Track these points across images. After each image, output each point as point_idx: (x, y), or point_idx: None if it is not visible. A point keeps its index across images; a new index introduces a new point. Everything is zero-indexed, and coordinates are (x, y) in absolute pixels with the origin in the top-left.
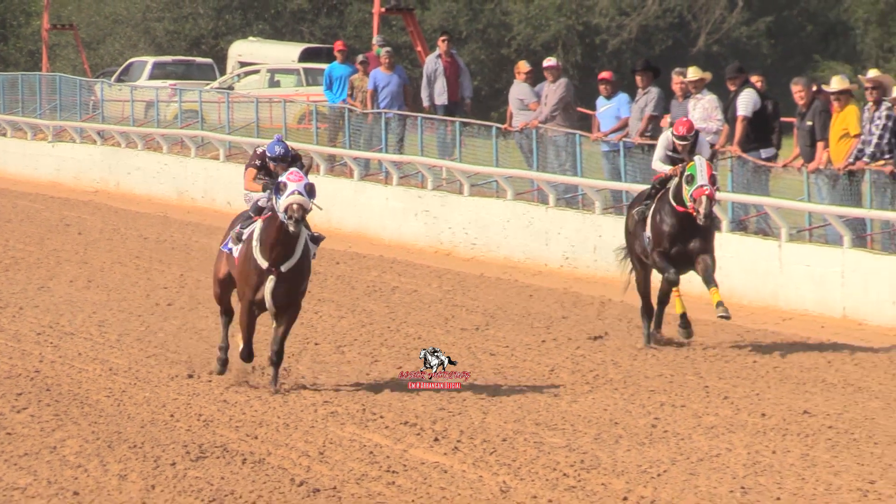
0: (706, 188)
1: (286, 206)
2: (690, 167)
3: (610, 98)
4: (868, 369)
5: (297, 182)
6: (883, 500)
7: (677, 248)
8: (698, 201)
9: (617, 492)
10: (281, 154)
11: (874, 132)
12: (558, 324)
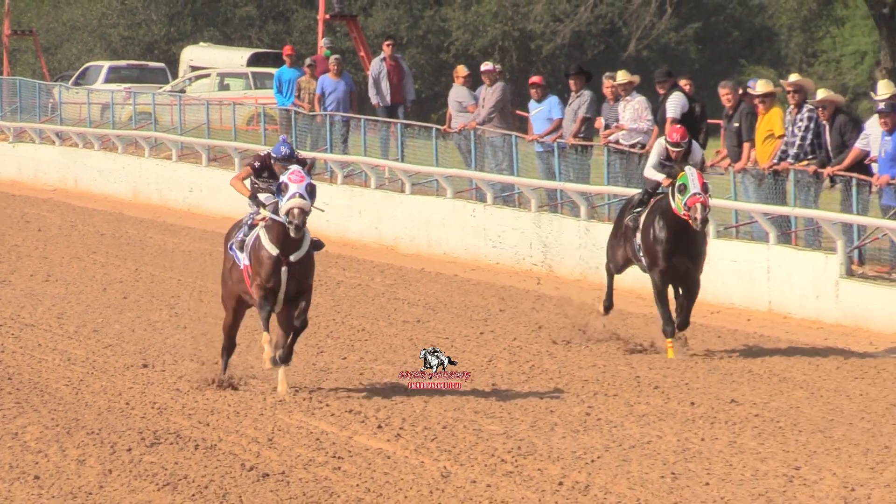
0: (700, 196)
1: (287, 210)
2: (682, 177)
3: (541, 101)
4: (793, 360)
5: (297, 183)
6: (807, 485)
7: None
8: (693, 209)
9: (553, 477)
10: (286, 154)
11: (797, 133)
12: (496, 317)
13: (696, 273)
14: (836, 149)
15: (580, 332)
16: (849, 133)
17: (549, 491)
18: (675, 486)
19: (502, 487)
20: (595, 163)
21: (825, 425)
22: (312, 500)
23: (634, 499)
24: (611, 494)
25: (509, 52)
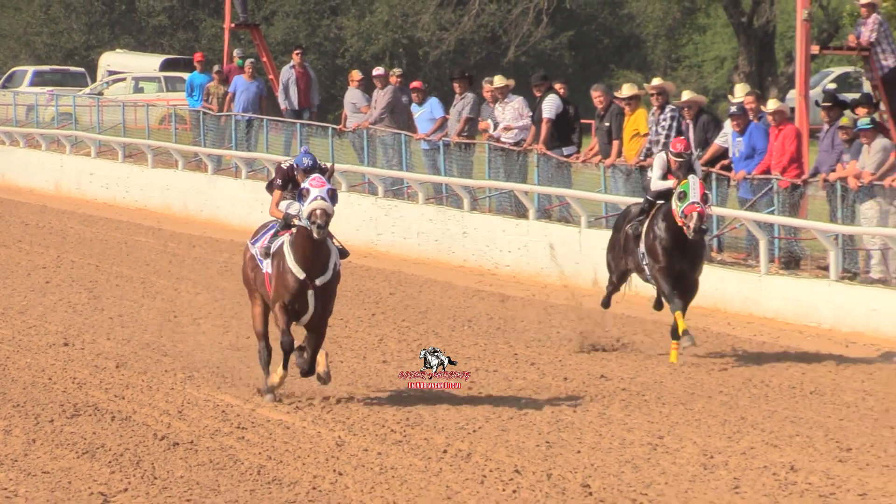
0: (698, 206)
1: (310, 212)
2: (683, 185)
3: (422, 104)
4: (656, 339)
5: (319, 188)
6: (670, 453)
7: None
8: (689, 217)
9: (438, 445)
10: (310, 165)
11: (661, 132)
12: (386, 300)
13: (694, 275)
14: (699, 145)
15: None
16: (711, 131)
17: (435, 458)
18: (550, 453)
19: (392, 455)
20: (477, 159)
21: (686, 398)
22: (218, 466)
23: (512, 465)
24: (490, 461)
25: (399, 58)
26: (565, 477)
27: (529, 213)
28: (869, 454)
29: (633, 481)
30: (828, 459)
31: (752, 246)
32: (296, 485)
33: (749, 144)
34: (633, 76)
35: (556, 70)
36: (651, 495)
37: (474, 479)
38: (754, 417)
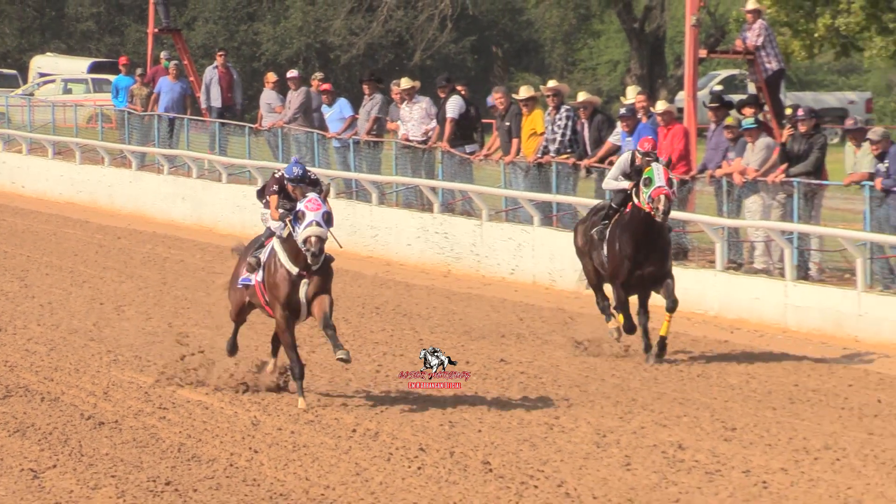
0: (664, 188)
1: (304, 239)
2: (648, 171)
3: (331, 105)
4: (553, 325)
5: (314, 212)
6: (565, 432)
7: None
8: (657, 200)
9: (347, 425)
10: (299, 175)
11: (556, 131)
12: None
13: (666, 269)
14: (594, 143)
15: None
16: (605, 130)
17: (345, 437)
18: (452, 432)
19: (304, 434)
20: (385, 156)
21: (581, 381)
22: (141, 444)
23: (417, 443)
24: (397, 440)
25: (312, 61)
26: (467, 454)
27: (434, 207)
28: (752, 433)
29: (531, 458)
30: (714, 438)
31: None
32: (214, 462)
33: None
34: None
35: (460, 72)
36: (547, 472)
37: (381, 457)
38: (644, 399)
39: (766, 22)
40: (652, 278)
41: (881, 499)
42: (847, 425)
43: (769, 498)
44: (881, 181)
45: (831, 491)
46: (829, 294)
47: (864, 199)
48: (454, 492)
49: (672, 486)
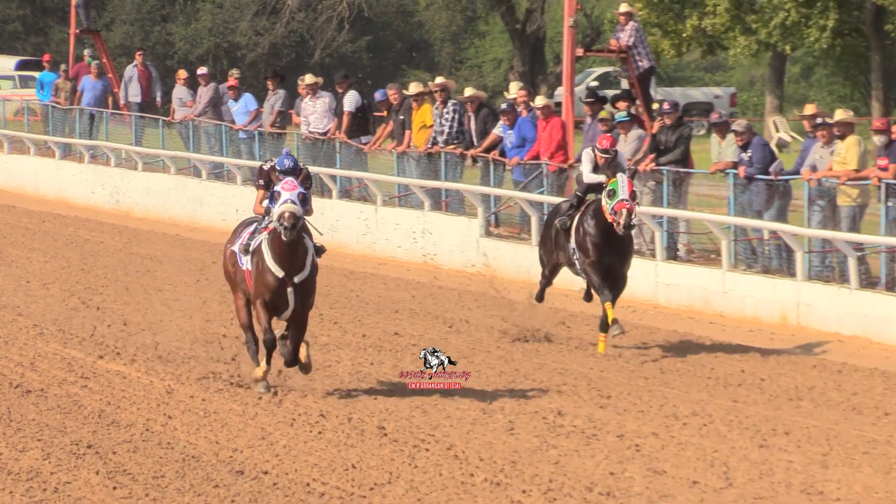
0: (627, 202)
1: (279, 215)
2: (613, 183)
3: (237, 100)
4: (441, 301)
5: (289, 191)
6: (454, 400)
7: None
8: (619, 213)
9: (254, 393)
10: (290, 167)
11: (445, 124)
12: (209, 267)
13: (623, 269)
14: (480, 135)
15: None
16: (490, 122)
17: (251, 404)
18: (350, 400)
19: (214, 401)
20: (288, 146)
21: (468, 353)
22: (65, 410)
23: (318, 410)
24: (300, 407)
25: (220, 59)
26: (364, 420)
27: (333, 193)
28: (626, 401)
29: (423, 424)
30: (590, 405)
31: (525, 221)
32: (132, 426)
33: (519, 135)
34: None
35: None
36: (438, 436)
37: (285, 422)
38: (526, 369)
39: (637, 23)
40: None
41: (745, 461)
42: (713, 394)
43: (641, 460)
44: (744, 169)
45: (699, 454)
46: (696, 273)
47: (728, 186)
48: (352, 454)
49: (552, 450)
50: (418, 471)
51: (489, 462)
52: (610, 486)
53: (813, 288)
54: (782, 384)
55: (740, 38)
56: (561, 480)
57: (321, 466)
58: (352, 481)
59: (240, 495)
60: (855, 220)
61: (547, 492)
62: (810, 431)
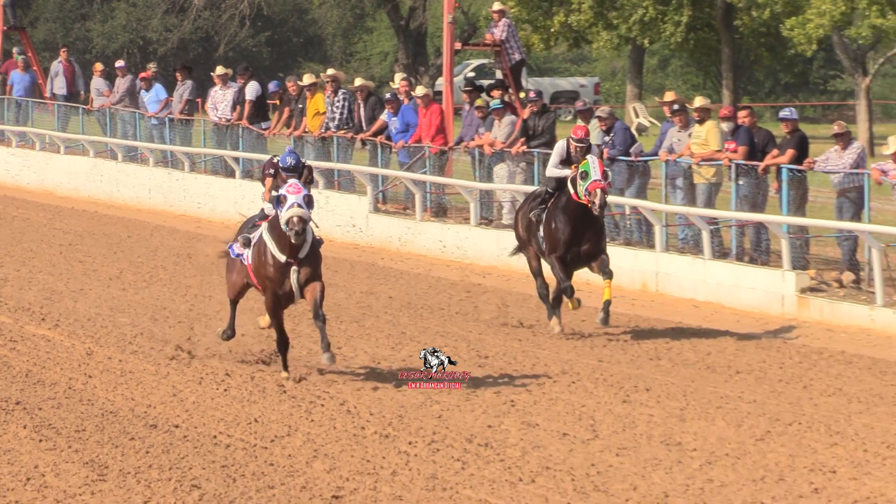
0: (600, 182)
1: (287, 220)
2: (584, 165)
3: (149, 90)
4: (335, 271)
5: (295, 195)
6: (346, 360)
7: (573, 251)
8: (593, 194)
9: (166, 354)
10: (292, 165)
11: (336, 111)
12: (125, 241)
13: (602, 248)
14: (368, 121)
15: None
16: (377, 109)
17: (164, 364)
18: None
19: (130, 362)
20: (195, 132)
21: (359, 317)
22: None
23: (223, 370)
24: (207, 367)
25: (134, 53)
26: (265, 379)
27: (237, 173)
28: (502, 361)
29: (318, 382)
30: (469, 365)
31: (410, 199)
32: (55, 385)
33: (403, 121)
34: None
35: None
36: (332, 392)
37: (194, 381)
38: (412, 332)
39: (510, 19)
40: (588, 255)
41: (610, 415)
42: (580, 354)
43: (516, 414)
44: (608, 151)
45: (568, 408)
46: None
47: None
48: (255, 409)
49: (436, 405)
50: (314, 424)
51: (378, 416)
52: (488, 438)
53: (670, 258)
54: (643, 345)
55: (603, 33)
56: (443, 433)
57: (227, 420)
58: (254, 434)
59: (153, 447)
60: (711, 197)
61: (431, 443)
62: (669, 388)
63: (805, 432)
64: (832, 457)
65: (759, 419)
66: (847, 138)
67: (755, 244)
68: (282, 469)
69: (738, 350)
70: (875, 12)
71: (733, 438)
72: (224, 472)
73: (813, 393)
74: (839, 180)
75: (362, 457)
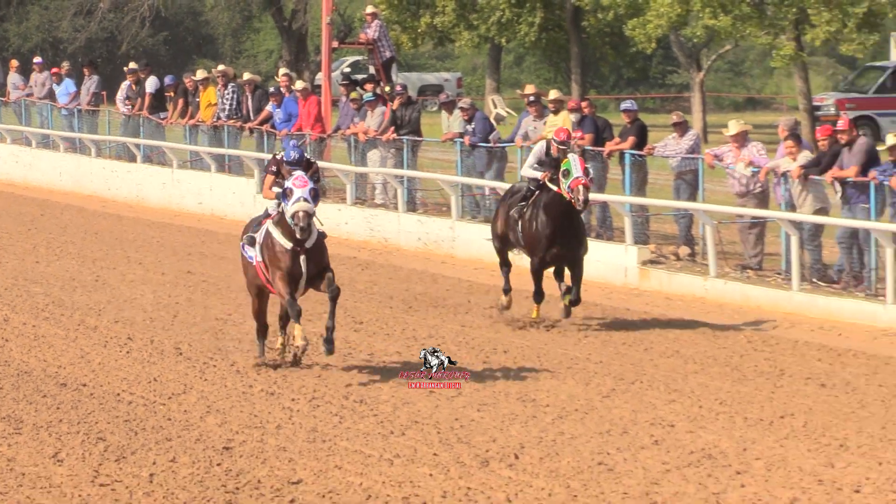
0: (582, 179)
1: (293, 214)
2: (566, 163)
3: (60, 84)
4: (226, 246)
5: (301, 188)
6: (237, 325)
7: (551, 252)
8: (576, 190)
9: (74, 320)
10: (296, 159)
11: (226, 102)
12: (38, 219)
13: (580, 255)
14: (255, 111)
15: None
16: (263, 101)
17: (72, 329)
18: (152, 325)
19: (42, 327)
20: (101, 122)
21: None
22: None
23: (126, 334)
24: (111, 331)
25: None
26: (163, 342)
27: (138, 158)
28: (375, 326)
29: (211, 345)
30: (346, 329)
31: None
32: None
33: (286, 111)
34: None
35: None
36: (223, 354)
37: (99, 344)
38: None
39: (381, 21)
40: (567, 257)
41: (471, 374)
42: (445, 320)
43: (387, 374)
44: (469, 139)
45: None
46: (430, 222)
47: (455, 152)
48: (154, 370)
49: (316, 366)
50: (207, 383)
51: (265, 376)
52: (363, 395)
53: None
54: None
55: (464, 33)
56: (323, 391)
57: (129, 380)
58: (154, 391)
59: (63, 403)
60: None
61: (312, 399)
62: (524, 350)
63: (646, 390)
64: (671, 412)
65: (604, 378)
66: (684, 127)
67: (601, 221)
68: (178, 423)
69: (585, 316)
70: (708, 14)
71: (582, 395)
72: (127, 426)
73: (653, 354)
74: (676, 164)
75: (250, 412)
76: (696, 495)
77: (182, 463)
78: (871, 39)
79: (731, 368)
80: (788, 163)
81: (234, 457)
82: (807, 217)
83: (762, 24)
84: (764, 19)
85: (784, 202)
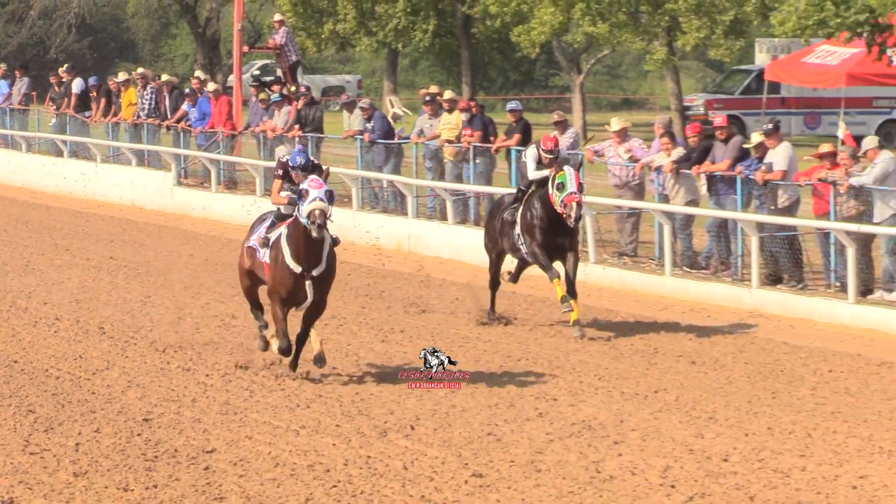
0: (576, 195)
1: (309, 213)
2: (560, 176)
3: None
4: (146, 234)
5: (317, 189)
6: (156, 307)
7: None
8: (569, 206)
9: (6, 302)
10: (302, 164)
11: (145, 102)
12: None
13: (575, 242)
14: (172, 110)
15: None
16: (179, 101)
17: (4, 310)
18: (80, 307)
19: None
20: (31, 120)
21: (165, 271)
22: None
23: (54, 315)
24: (40, 312)
25: None
26: (88, 322)
27: (64, 153)
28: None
29: (132, 325)
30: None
31: (207, 175)
32: None
33: (200, 111)
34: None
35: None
36: (143, 333)
37: (29, 324)
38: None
39: (288, 27)
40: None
41: (371, 352)
42: (347, 301)
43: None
44: (368, 136)
45: (337, 347)
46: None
47: (356, 148)
48: (79, 347)
49: (228, 344)
50: (129, 360)
51: (182, 353)
52: (276, 371)
53: (420, 223)
54: (396, 294)
55: (364, 39)
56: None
57: (56, 357)
58: (79, 368)
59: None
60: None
61: (224, 375)
62: (419, 330)
63: (531, 366)
64: (554, 387)
65: (493, 356)
66: (564, 125)
67: None
68: (102, 397)
69: (475, 299)
70: (587, 22)
71: (473, 371)
72: (54, 399)
73: (537, 334)
74: None
75: (168, 386)
76: (577, 463)
77: (105, 433)
78: (737, 45)
79: (608, 347)
80: (663, 158)
81: (153, 428)
82: (679, 208)
83: (637, 31)
84: (639, 27)
85: (658, 194)
